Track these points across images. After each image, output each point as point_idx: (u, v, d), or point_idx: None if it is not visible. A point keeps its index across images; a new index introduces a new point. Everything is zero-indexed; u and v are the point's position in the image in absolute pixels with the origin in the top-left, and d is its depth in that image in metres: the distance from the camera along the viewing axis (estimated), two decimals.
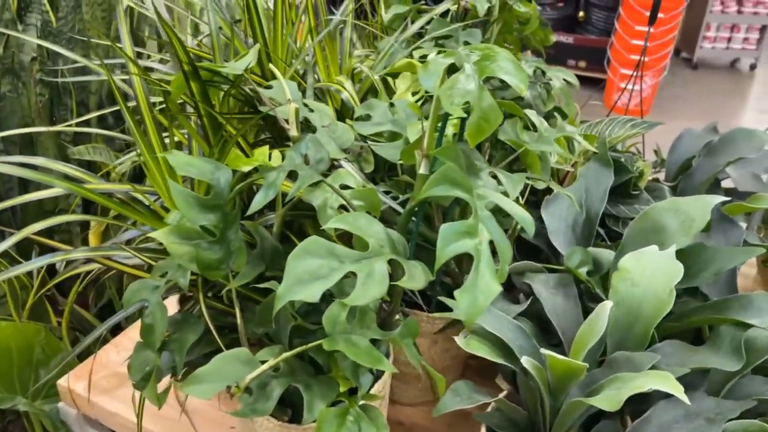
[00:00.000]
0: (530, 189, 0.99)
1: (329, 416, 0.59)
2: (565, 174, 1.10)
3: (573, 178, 1.09)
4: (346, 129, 0.80)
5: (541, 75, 1.11)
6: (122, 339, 1.08)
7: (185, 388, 0.60)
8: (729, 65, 5.41)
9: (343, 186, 0.73)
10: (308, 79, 0.92)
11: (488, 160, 0.90)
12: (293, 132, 0.70)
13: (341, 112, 0.96)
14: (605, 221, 1.02)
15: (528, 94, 1.10)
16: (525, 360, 0.66)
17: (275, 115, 0.71)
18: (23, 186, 1.49)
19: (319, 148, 0.68)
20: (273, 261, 0.74)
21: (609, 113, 1.41)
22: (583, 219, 0.94)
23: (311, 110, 0.80)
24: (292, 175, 0.69)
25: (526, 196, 0.99)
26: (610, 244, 0.97)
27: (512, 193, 0.68)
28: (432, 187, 0.54)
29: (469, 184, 0.55)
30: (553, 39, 1.22)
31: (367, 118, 0.86)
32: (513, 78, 0.57)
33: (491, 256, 0.52)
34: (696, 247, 0.79)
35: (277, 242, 0.76)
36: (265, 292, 0.71)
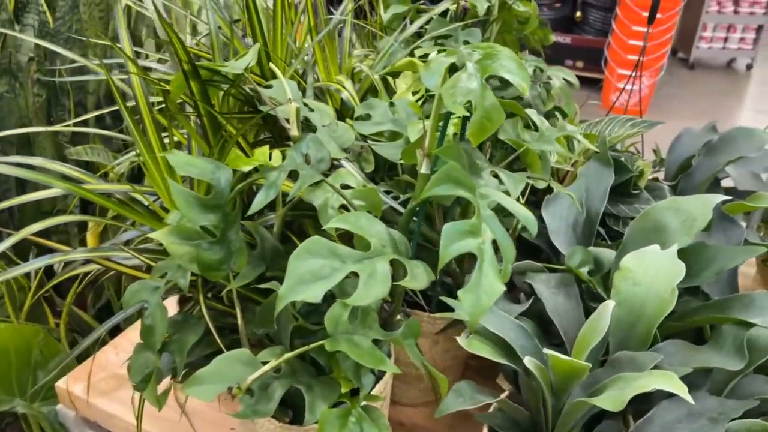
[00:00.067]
0: (530, 189, 0.99)
1: (331, 417, 0.59)
2: (564, 173, 1.10)
3: (573, 177, 1.09)
4: (347, 128, 0.79)
5: (540, 74, 1.11)
6: (121, 340, 1.08)
7: (186, 390, 0.59)
8: (725, 65, 5.42)
9: (343, 186, 0.73)
10: (308, 78, 0.92)
11: (488, 159, 0.90)
12: (294, 131, 0.70)
13: (341, 111, 0.96)
14: (605, 221, 1.02)
15: (527, 94, 1.10)
16: (528, 360, 0.65)
17: (276, 114, 0.71)
18: (20, 187, 1.48)
19: (320, 147, 0.68)
20: (273, 261, 0.74)
21: (608, 113, 1.41)
22: (583, 218, 0.93)
23: (311, 110, 0.80)
24: (292, 175, 0.69)
25: (526, 196, 0.99)
26: (611, 243, 0.97)
27: (514, 192, 0.68)
28: (435, 187, 0.53)
29: (472, 183, 0.55)
30: (552, 39, 1.22)
31: (367, 117, 0.85)
32: (515, 77, 0.57)
33: (494, 255, 0.52)
34: (697, 246, 0.79)
35: (278, 242, 0.75)
36: (265, 292, 0.70)
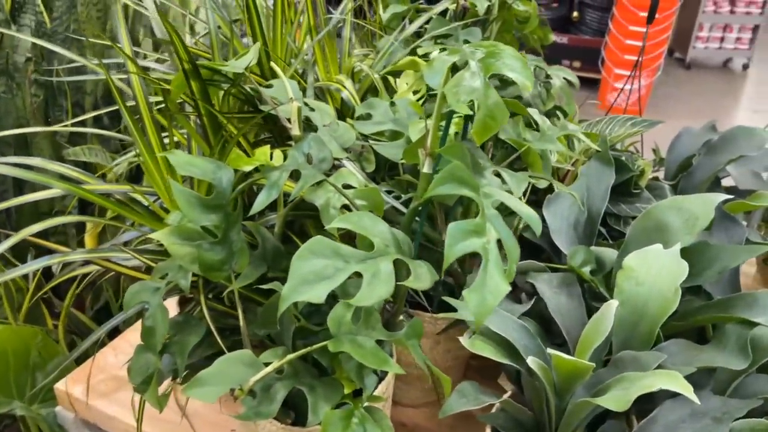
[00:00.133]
0: (531, 188, 0.99)
1: (334, 418, 0.59)
2: (565, 173, 1.10)
3: (573, 176, 1.08)
4: (348, 128, 0.79)
5: (540, 74, 1.11)
6: (120, 342, 1.07)
7: (188, 392, 0.59)
8: (722, 65, 5.43)
9: (345, 185, 0.72)
10: (308, 78, 0.91)
11: (490, 159, 0.90)
12: (296, 131, 0.69)
13: (341, 111, 0.95)
14: (606, 220, 1.01)
15: (527, 94, 1.10)
16: (531, 360, 0.65)
17: (277, 114, 0.71)
18: (18, 187, 1.47)
19: (322, 147, 0.68)
20: (275, 262, 0.73)
21: (607, 112, 1.41)
22: (585, 218, 0.93)
23: (312, 109, 0.80)
24: (293, 175, 0.69)
25: (527, 196, 0.98)
26: (612, 243, 0.97)
27: (516, 191, 0.67)
28: (439, 186, 0.53)
29: (476, 182, 0.55)
30: (552, 38, 1.22)
31: (368, 117, 0.85)
32: (519, 75, 0.56)
33: (499, 255, 0.52)
34: (700, 245, 0.79)
35: (279, 243, 0.75)
36: (266, 293, 0.70)
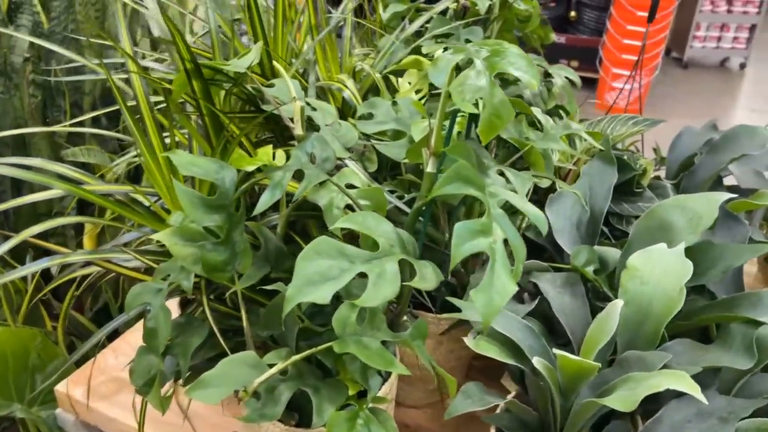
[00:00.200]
0: (532, 187, 0.98)
1: (339, 420, 0.58)
2: (566, 172, 1.10)
3: (575, 176, 1.08)
4: (350, 128, 0.78)
5: (540, 73, 1.10)
6: (120, 343, 1.07)
7: (191, 394, 0.58)
8: (719, 64, 5.44)
9: (348, 185, 0.72)
10: (309, 77, 0.91)
11: (493, 158, 0.89)
12: (298, 131, 0.69)
13: (342, 110, 0.95)
14: (609, 219, 1.01)
15: (528, 93, 1.10)
16: (536, 360, 0.65)
17: (280, 113, 0.70)
18: (16, 188, 1.46)
19: (325, 146, 0.67)
20: (277, 262, 0.73)
21: (608, 111, 1.41)
22: (587, 217, 0.93)
23: (314, 109, 0.79)
24: (296, 175, 0.68)
25: (529, 195, 0.98)
26: (615, 242, 0.96)
27: (521, 191, 0.67)
28: (445, 185, 0.52)
29: (482, 182, 0.54)
30: (553, 37, 1.22)
31: (369, 116, 0.85)
32: (524, 74, 0.56)
33: (506, 254, 0.51)
34: (703, 244, 0.78)
35: (281, 243, 0.74)
36: (268, 294, 0.69)
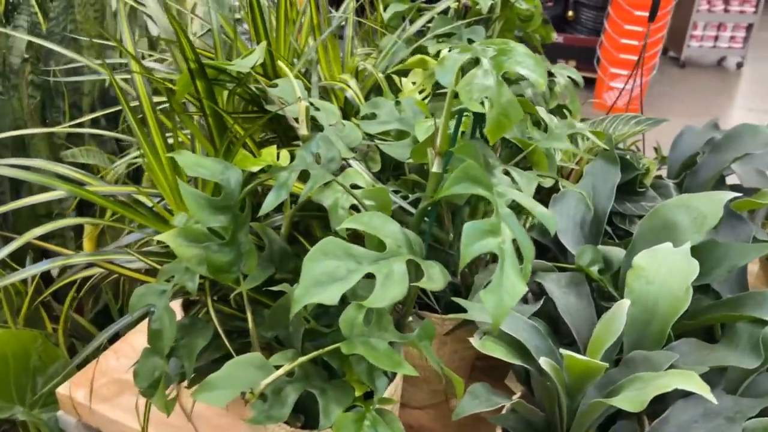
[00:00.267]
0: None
1: (347, 421, 0.58)
2: (569, 171, 1.10)
3: (577, 175, 1.08)
4: (354, 128, 0.78)
5: None
6: (122, 345, 1.06)
7: (197, 396, 0.58)
8: (716, 64, 5.45)
9: (352, 186, 0.71)
10: (312, 77, 0.91)
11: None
12: (303, 131, 0.69)
13: (345, 110, 0.94)
14: (612, 219, 1.01)
15: (530, 92, 1.10)
16: (543, 361, 0.64)
17: (284, 114, 0.70)
18: (15, 190, 1.45)
19: (331, 146, 0.67)
20: (282, 263, 0.72)
21: (608, 111, 1.41)
22: (591, 217, 0.93)
23: (317, 109, 0.79)
24: (301, 175, 0.68)
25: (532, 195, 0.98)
26: (618, 242, 0.96)
27: (527, 190, 0.67)
28: (454, 185, 0.52)
29: (490, 181, 0.54)
30: (554, 36, 1.21)
31: (372, 116, 0.84)
32: (532, 73, 0.56)
33: (515, 254, 0.51)
34: (708, 244, 0.78)
35: (285, 244, 0.74)
36: (273, 294, 0.69)
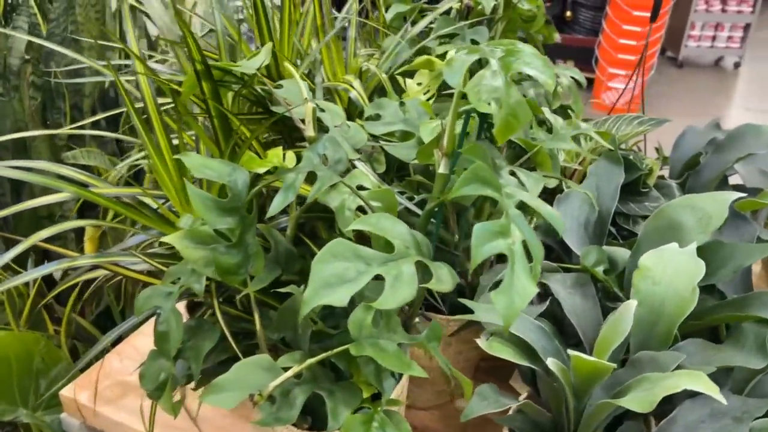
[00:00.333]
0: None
1: (355, 423, 0.58)
2: (572, 172, 1.10)
3: (581, 176, 1.08)
4: (359, 129, 0.78)
5: None
6: (125, 347, 1.06)
7: (205, 398, 0.58)
8: (713, 63, 5.45)
9: (358, 187, 0.71)
10: (316, 78, 0.90)
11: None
12: (310, 132, 0.68)
13: (348, 111, 0.94)
14: (615, 219, 1.01)
15: (532, 93, 1.10)
16: (551, 361, 0.64)
17: (290, 115, 0.70)
18: (15, 192, 1.45)
19: (337, 148, 0.67)
20: (288, 264, 0.72)
21: (610, 111, 1.41)
22: (595, 217, 0.93)
23: (322, 110, 0.79)
24: (306, 177, 0.68)
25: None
26: (622, 242, 0.96)
27: (533, 191, 0.67)
28: (463, 186, 0.52)
29: (499, 183, 0.54)
30: (557, 37, 1.21)
31: (377, 117, 0.84)
32: (540, 74, 0.56)
33: (525, 256, 0.51)
34: (713, 244, 0.78)
35: (291, 245, 0.74)
36: (279, 296, 0.69)
